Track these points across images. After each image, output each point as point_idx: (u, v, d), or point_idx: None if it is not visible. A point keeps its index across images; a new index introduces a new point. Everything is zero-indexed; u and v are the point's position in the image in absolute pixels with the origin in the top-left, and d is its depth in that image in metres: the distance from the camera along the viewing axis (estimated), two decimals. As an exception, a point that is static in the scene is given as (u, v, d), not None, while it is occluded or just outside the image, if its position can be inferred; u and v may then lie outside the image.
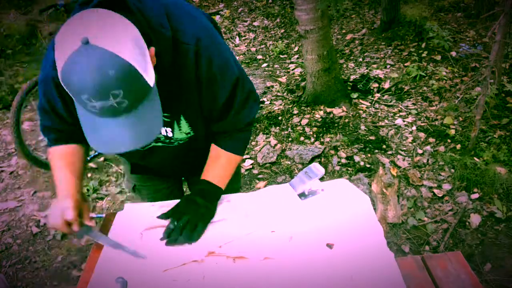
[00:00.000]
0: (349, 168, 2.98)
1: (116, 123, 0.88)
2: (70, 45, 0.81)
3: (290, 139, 3.34)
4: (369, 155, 3.08)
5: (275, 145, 3.29)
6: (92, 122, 0.90)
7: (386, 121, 3.42)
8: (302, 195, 1.27)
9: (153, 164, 1.43)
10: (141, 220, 1.25)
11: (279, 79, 4.23)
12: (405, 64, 4.04)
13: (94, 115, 0.88)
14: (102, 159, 3.41)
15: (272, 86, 4.12)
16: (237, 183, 1.63)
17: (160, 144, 1.27)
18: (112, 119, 0.88)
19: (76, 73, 0.81)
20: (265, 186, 2.92)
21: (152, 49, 0.94)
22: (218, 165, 1.29)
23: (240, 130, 1.28)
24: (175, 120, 1.19)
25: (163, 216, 1.25)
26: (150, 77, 0.89)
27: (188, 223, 1.19)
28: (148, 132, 0.93)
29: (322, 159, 3.09)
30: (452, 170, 2.85)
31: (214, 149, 1.30)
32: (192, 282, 1.05)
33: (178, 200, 1.32)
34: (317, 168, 1.25)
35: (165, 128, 1.21)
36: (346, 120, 3.44)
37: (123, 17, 0.87)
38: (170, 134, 1.23)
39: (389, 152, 3.09)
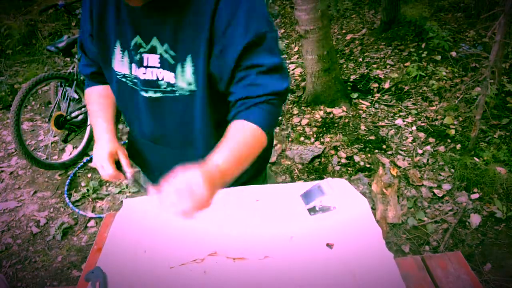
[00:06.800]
0: (349, 168, 2.98)
1: None
2: None
3: (290, 139, 3.34)
4: (369, 155, 3.08)
5: (275, 145, 3.29)
6: None
7: (386, 121, 3.42)
8: (312, 210, 1.23)
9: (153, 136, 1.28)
10: (141, 217, 1.25)
11: (279, 79, 4.23)
12: (405, 64, 4.04)
13: None
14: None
15: (272, 86, 4.12)
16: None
17: (160, 94, 1.14)
18: None
19: None
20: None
21: None
22: (232, 142, 0.99)
23: (262, 100, 1.01)
24: (179, 62, 1.08)
25: None
26: None
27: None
28: None
29: (322, 159, 3.09)
30: (452, 170, 2.85)
31: (233, 124, 1.04)
32: (193, 280, 1.05)
33: None
34: (331, 184, 1.22)
35: (168, 71, 1.10)
36: (346, 120, 3.44)
37: None
38: (172, 81, 1.11)
39: (389, 152, 3.09)
